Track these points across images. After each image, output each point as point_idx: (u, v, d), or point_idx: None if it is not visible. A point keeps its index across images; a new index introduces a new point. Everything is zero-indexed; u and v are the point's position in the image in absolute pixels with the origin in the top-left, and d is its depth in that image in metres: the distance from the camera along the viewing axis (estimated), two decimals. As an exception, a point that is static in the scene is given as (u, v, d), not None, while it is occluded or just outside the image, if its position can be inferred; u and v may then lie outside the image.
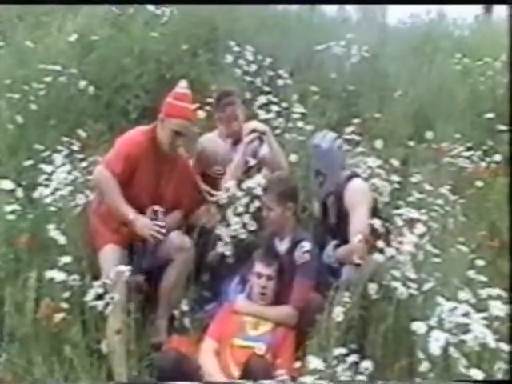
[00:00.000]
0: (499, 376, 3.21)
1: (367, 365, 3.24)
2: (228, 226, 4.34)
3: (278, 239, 4.28)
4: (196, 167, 4.61)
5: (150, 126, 4.31)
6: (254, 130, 4.70)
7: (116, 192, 4.10)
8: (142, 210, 4.12)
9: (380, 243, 3.89)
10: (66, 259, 3.78)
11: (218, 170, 4.58)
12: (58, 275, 3.65)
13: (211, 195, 4.46)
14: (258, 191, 4.36)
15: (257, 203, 4.37)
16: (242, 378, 3.51)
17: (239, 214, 4.36)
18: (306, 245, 4.13)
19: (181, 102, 4.19)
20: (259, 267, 4.11)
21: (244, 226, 4.35)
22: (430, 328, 3.22)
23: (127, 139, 4.24)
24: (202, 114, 5.31)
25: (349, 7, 9.40)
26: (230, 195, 4.38)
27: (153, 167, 4.22)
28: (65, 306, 3.63)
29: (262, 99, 6.01)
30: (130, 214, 4.07)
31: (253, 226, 4.36)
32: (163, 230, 4.05)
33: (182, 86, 4.26)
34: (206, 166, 4.61)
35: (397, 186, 5.09)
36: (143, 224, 4.05)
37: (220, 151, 4.64)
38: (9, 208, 4.16)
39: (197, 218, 4.39)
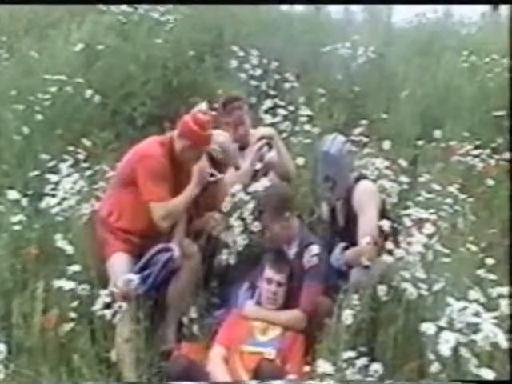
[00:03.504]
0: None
1: (377, 367, 3.22)
2: (234, 231, 4.32)
3: (286, 245, 4.25)
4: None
5: (166, 136, 4.31)
6: (262, 137, 4.68)
7: (178, 201, 4.14)
8: None
9: (389, 244, 3.86)
10: (75, 268, 3.77)
11: (218, 150, 4.50)
12: (66, 284, 3.65)
13: (213, 176, 4.42)
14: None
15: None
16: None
17: (244, 219, 4.33)
18: (315, 248, 4.11)
19: (201, 130, 4.15)
20: (270, 273, 4.08)
21: (250, 230, 4.33)
22: (440, 329, 3.20)
23: (148, 157, 4.15)
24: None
25: (354, 8, 9.38)
26: (236, 201, 4.36)
27: (172, 177, 4.21)
28: (73, 315, 3.62)
29: (269, 103, 6.00)
30: (188, 190, 4.18)
31: (259, 230, 4.34)
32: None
33: (203, 110, 4.22)
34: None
35: (405, 186, 5.06)
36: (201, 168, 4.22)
37: (220, 140, 4.58)
38: (15, 218, 4.16)
39: (203, 224, 4.39)
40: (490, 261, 4.06)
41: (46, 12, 8.09)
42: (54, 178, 4.67)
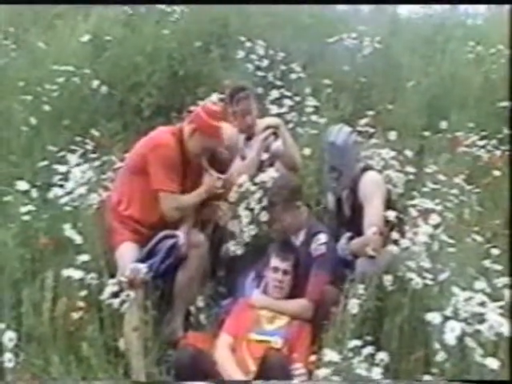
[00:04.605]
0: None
1: (383, 356, 3.24)
2: (241, 221, 4.35)
3: (294, 234, 4.28)
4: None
5: (176, 127, 4.37)
6: (268, 127, 4.69)
7: (190, 197, 4.23)
8: None
9: (394, 234, 3.89)
10: (83, 258, 3.82)
11: (224, 153, 4.54)
12: (75, 273, 3.69)
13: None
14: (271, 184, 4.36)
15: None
16: (258, 372, 3.51)
17: (251, 209, 4.36)
18: (322, 237, 4.13)
19: (214, 121, 4.22)
20: (276, 262, 4.10)
21: (257, 220, 4.35)
22: (446, 318, 3.22)
23: (162, 147, 4.19)
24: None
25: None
26: (243, 191, 4.38)
27: (181, 169, 4.24)
28: (82, 304, 3.65)
29: (275, 94, 6.01)
30: (197, 193, 4.24)
31: (266, 220, 4.36)
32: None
33: (215, 102, 4.25)
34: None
35: (411, 176, 5.08)
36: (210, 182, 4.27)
37: (228, 133, 4.62)
38: (24, 209, 4.19)
39: (210, 214, 4.41)
40: (495, 251, 4.10)
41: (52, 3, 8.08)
42: (62, 168, 4.70)
